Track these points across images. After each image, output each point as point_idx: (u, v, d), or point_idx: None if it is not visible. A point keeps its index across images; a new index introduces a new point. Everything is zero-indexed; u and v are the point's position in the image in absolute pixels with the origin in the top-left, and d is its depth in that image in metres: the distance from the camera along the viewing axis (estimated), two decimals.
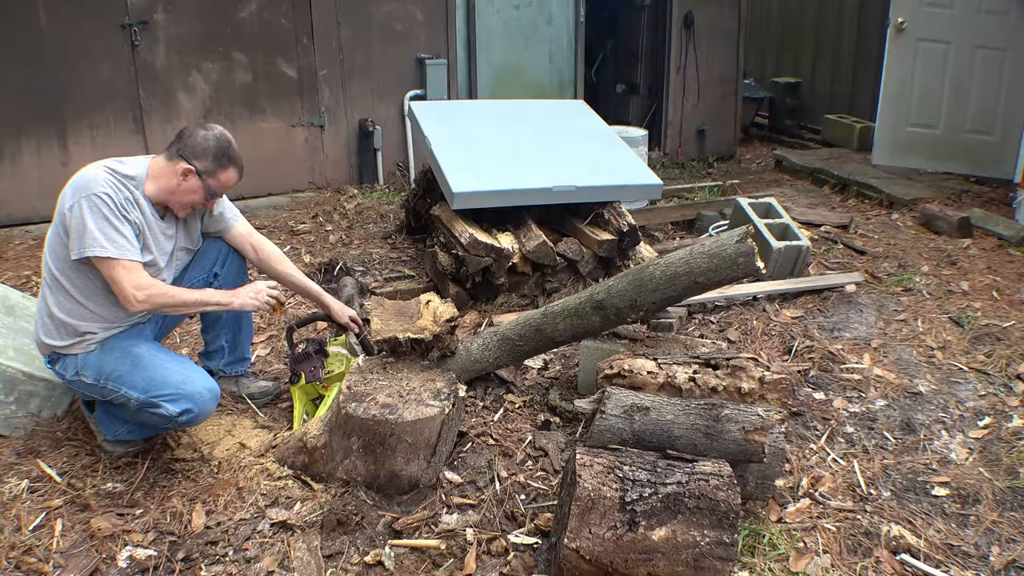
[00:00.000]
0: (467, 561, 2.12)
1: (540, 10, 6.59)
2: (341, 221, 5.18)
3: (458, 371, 2.68)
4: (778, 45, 9.31)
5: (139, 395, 2.34)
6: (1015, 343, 3.41)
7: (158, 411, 2.33)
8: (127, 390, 2.35)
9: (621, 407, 2.24)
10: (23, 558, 2.08)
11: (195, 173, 2.40)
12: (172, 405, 2.32)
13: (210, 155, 2.41)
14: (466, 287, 3.71)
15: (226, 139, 2.46)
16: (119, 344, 2.42)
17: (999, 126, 6.04)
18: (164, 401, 2.32)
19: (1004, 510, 2.38)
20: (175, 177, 2.39)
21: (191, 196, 2.44)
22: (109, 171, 2.33)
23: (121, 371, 2.37)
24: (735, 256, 2.56)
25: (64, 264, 2.34)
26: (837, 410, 2.93)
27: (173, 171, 2.40)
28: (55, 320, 2.39)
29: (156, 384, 2.33)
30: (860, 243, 4.78)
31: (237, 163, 2.48)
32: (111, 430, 2.54)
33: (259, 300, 2.54)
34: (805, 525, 2.30)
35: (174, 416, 2.32)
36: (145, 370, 2.36)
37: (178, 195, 2.43)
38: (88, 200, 2.25)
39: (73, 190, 2.29)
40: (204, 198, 2.47)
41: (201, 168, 2.40)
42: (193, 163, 2.39)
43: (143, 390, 2.33)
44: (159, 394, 2.32)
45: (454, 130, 4.31)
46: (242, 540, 2.18)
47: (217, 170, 2.43)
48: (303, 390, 2.79)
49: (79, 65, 5.04)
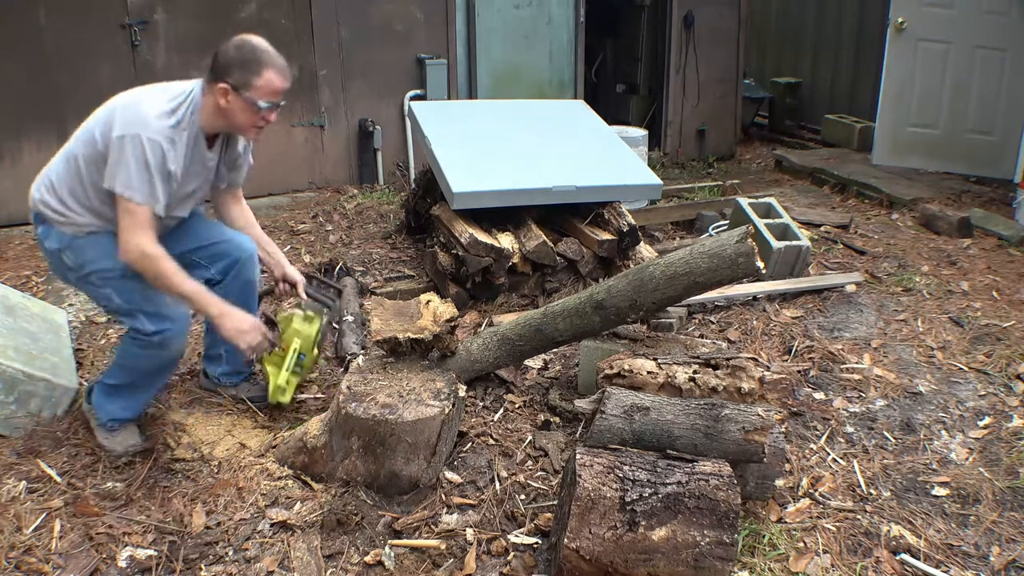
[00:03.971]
0: (467, 561, 2.12)
1: (540, 10, 6.58)
2: (341, 221, 5.18)
3: (458, 371, 2.68)
4: (778, 45, 9.30)
5: (120, 300, 2.31)
6: (1015, 343, 3.41)
7: (133, 322, 2.32)
8: (110, 291, 2.32)
9: (621, 407, 2.24)
10: (23, 558, 2.08)
11: (232, 90, 2.28)
12: (149, 321, 2.31)
13: (235, 66, 2.27)
14: (466, 287, 3.71)
15: (250, 45, 2.30)
16: (113, 243, 2.33)
17: (999, 126, 6.03)
18: (143, 314, 2.31)
19: (1004, 510, 2.38)
20: (218, 99, 2.30)
21: (243, 115, 2.32)
22: (163, 115, 2.25)
23: (109, 271, 2.33)
24: (735, 256, 2.56)
25: (90, 163, 2.29)
26: (837, 410, 2.93)
27: (214, 95, 2.31)
28: (55, 191, 2.35)
29: (141, 297, 2.31)
30: (860, 243, 4.78)
31: (272, 64, 2.30)
32: (105, 410, 2.54)
33: (247, 341, 2.42)
34: (805, 525, 2.30)
35: (148, 333, 2.32)
36: (134, 280, 2.31)
37: (231, 118, 2.33)
38: (135, 140, 2.18)
39: (126, 119, 2.22)
40: (256, 112, 2.32)
41: (234, 83, 2.27)
42: (226, 80, 2.27)
43: (126, 297, 2.31)
44: (141, 307, 2.30)
45: (454, 130, 4.31)
46: (242, 540, 2.18)
47: (251, 78, 2.27)
48: (269, 361, 2.75)
49: (79, 65, 5.03)
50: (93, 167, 2.30)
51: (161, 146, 2.22)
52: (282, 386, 2.68)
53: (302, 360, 2.72)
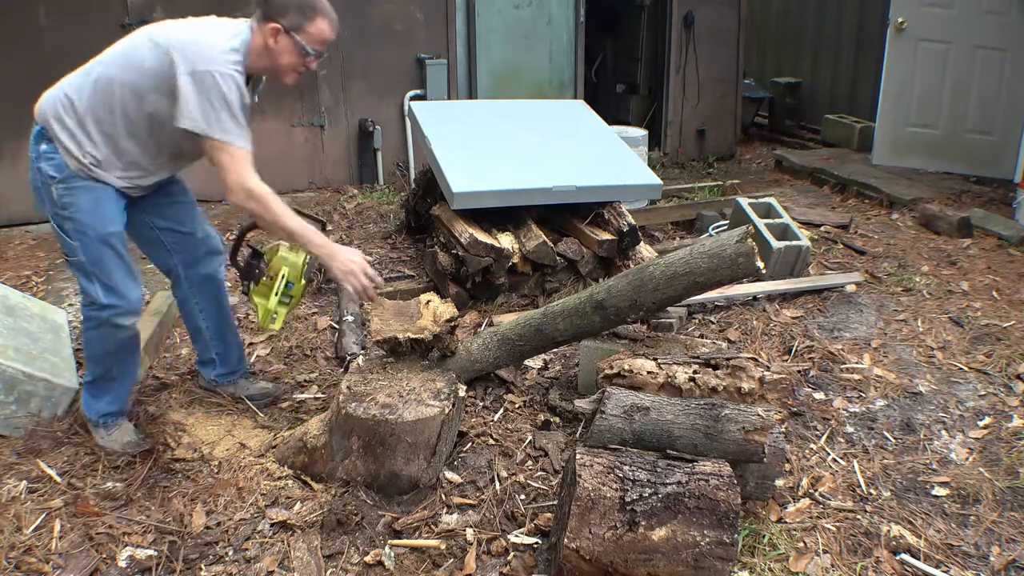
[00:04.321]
0: (467, 561, 2.12)
1: (540, 10, 6.58)
2: (341, 221, 5.18)
3: (458, 371, 2.68)
4: (778, 45, 9.30)
5: (84, 258, 2.34)
6: (1015, 343, 3.41)
7: (89, 286, 2.36)
8: (79, 246, 2.33)
9: (621, 407, 2.24)
10: (23, 558, 2.07)
11: (283, 31, 2.29)
12: (104, 293, 2.36)
13: (292, 8, 2.29)
14: (466, 287, 3.71)
15: None
16: (106, 205, 2.35)
17: (999, 126, 6.03)
18: (99, 284, 2.35)
19: (1004, 510, 2.38)
20: (267, 39, 2.30)
21: (288, 57, 2.34)
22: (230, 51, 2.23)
23: (88, 228, 2.33)
24: (735, 256, 2.56)
25: (133, 91, 2.25)
26: (837, 410, 2.93)
27: (263, 35, 2.30)
28: (75, 111, 2.30)
29: (104, 267, 2.35)
30: (860, 243, 4.78)
31: (326, 14, 2.34)
32: (93, 409, 2.56)
33: (354, 281, 2.42)
34: (805, 525, 2.30)
35: (100, 305, 2.36)
36: (107, 249, 2.35)
37: (276, 58, 2.33)
38: (211, 77, 2.17)
39: (194, 55, 2.19)
40: (301, 58, 2.34)
41: (287, 24, 2.29)
42: (279, 20, 2.28)
43: (91, 259, 2.33)
44: (99, 276, 2.34)
45: (454, 130, 4.31)
46: (242, 540, 2.18)
47: (304, 22, 2.30)
48: (258, 293, 2.70)
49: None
50: (133, 96, 2.26)
51: (237, 82, 2.22)
52: (272, 312, 2.62)
53: (291, 289, 2.66)
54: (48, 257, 4.51)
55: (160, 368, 3.15)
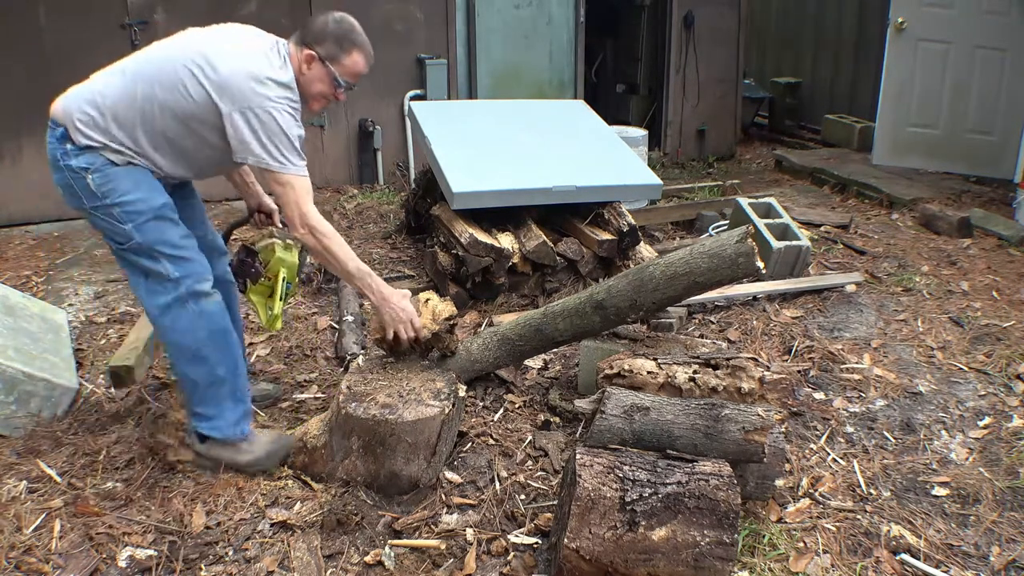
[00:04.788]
0: (467, 561, 2.12)
1: (540, 10, 6.59)
2: (341, 221, 5.18)
3: (458, 371, 2.68)
4: (778, 45, 9.30)
5: (141, 239, 2.19)
6: (1015, 343, 3.41)
7: (155, 265, 2.22)
8: (132, 227, 2.19)
9: (621, 407, 2.24)
10: (23, 558, 2.07)
11: (318, 59, 2.27)
12: (172, 265, 2.22)
13: (330, 38, 2.27)
14: (466, 287, 3.71)
15: (348, 22, 2.33)
16: (148, 181, 2.23)
17: (999, 126, 6.03)
18: (165, 258, 2.22)
19: (1004, 510, 2.38)
20: (300, 64, 2.28)
21: (320, 86, 2.31)
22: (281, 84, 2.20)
23: (139, 207, 2.19)
24: (735, 256, 2.56)
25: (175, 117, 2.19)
26: (837, 410, 2.93)
27: (298, 60, 2.28)
28: (110, 127, 2.18)
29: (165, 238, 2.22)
30: (860, 243, 4.78)
31: (363, 48, 2.33)
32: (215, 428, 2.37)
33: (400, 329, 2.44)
34: (805, 525, 2.30)
35: (172, 277, 2.22)
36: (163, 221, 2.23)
37: (307, 86, 2.30)
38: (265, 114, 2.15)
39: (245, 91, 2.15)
40: (332, 88, 2.33)
41: (324, 53, 2.27)
42: (315, 48, 2.27)
43: (151, 237, 2.20)
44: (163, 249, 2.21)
45: (454, 130, 4.31)
46: (242, 540, 2.18)
47: (340, 54, 2.28)
48: (256, 292, 2.70)
49: (79, 65, 4.96)
50: (177, 123, 2.21)
51: (290, 113, 2.20)
52: (278, 314, 2.64)
53: (289, 289, 2.69)
54: (48, 257, 4.51)
55: (160, 368, 3.15)
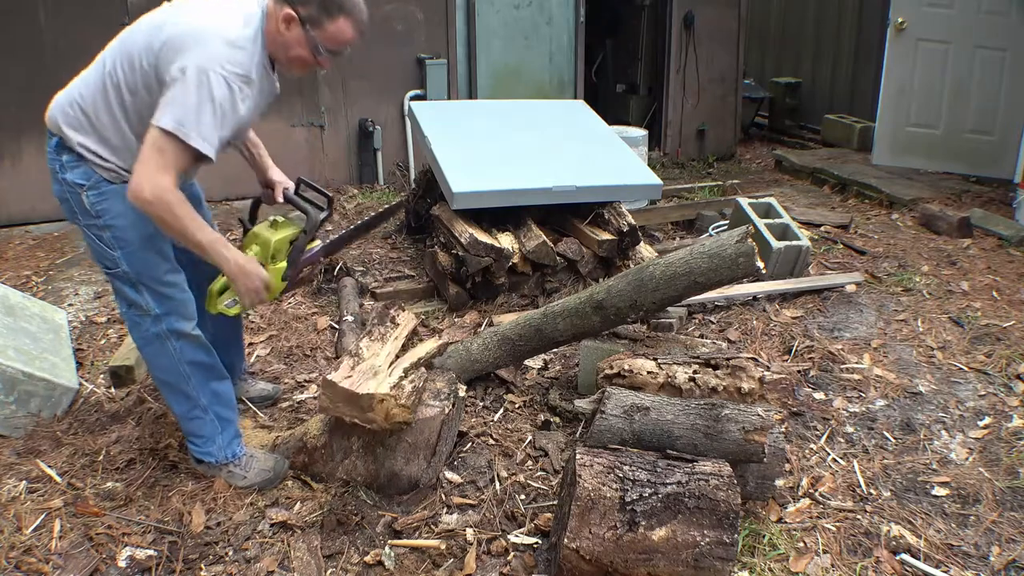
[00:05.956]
0: (467, 561, 2.12)
1: (540, 10, 6.59)
2: (341, 221, 5.18)
3: (458, 371, 2.68)
4: (778, 45, 9.30)
5: (127, 268, 2.08)
6: (1015, 343, 3.41)
7: (137, 298, 2.10)
8: (120, 255, 2.08)
9: (621, 407, 2.24)
10: (23, 558, 2.07)
11: (298, 21, 2.01)
12: (154, 301, 2.12)
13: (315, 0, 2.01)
14: (466, 287, 3.71)
15: None
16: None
17: (999, 126, 6.03)
18: (148, 291, 2.11)
19: (1004, 510, 2.38)
20: (277, 24, 2.03)
21: (297, 50, 2.06)
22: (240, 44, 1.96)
23: (129, 234, 2.08)
24: (735, 256, 2.56)
25: (135, 89, 2.01)
26: (837, 410, 2.93)
27: (275, 18, 2.03)
28: (94, 128, 2.05)
29: (152, 272, 2.12)
30: (860, 243, 4.78)
31: (351, 13, 2.04)
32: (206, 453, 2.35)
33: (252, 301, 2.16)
34: (805, 525, 2.30)
35: (153, 312, 2.12)
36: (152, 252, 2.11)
37: (281, 48, 2.06)
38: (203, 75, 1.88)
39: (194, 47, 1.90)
40: (311, 54, 2.06)
41: (304, 15, 2.00)
42: (297, 8, 2.00)
43: (137, 268, 2.09)
44: (148, 283, 2.10)
45: (454, 130, 4.31)
46: (242, 540, 2.18)
47: (324, 19, 2.01)
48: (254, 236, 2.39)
49: (79, 65, 4.98)
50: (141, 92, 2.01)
51: (234, 84, 1.94)
52: (215, 290, 2.29)
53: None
54: (48, 257, 4.51)
55: None
